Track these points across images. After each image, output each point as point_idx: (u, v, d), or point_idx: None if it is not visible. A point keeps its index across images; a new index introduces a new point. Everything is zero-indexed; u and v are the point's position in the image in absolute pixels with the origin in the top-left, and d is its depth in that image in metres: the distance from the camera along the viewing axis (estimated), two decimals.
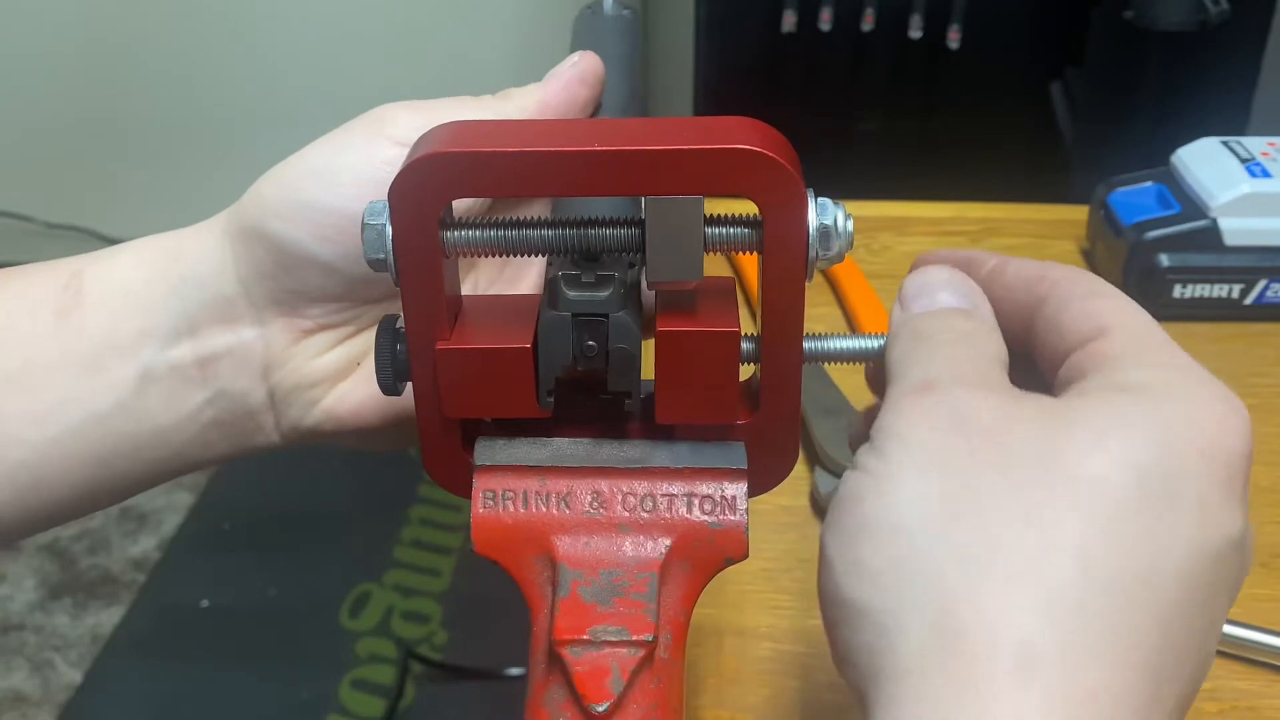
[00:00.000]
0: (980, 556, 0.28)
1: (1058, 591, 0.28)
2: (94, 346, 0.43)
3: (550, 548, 0.35)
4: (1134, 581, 0.28)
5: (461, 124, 0.35)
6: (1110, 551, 0.28)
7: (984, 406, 0.31)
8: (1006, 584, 0.28)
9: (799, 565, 0.58)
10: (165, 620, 1.65)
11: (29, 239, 2.12)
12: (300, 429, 0.45)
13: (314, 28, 1.96)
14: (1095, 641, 0.28)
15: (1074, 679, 0.27)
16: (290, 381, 0.44)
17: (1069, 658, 0.27)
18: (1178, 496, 0.29)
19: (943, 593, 0.28)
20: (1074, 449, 0.29)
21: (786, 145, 0.34)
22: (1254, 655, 0.53)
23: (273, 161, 0.44)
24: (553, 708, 0.33)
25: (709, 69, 1.57)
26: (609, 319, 0.35)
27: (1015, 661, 0.27)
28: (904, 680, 0.28)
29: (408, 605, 1.65)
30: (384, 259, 0.35)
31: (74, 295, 0.43)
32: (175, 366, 0.43)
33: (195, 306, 0.43)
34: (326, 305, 0.44)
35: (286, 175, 0.43)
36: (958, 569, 0.28)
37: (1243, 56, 1.47)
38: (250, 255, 0.43)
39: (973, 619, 0.28)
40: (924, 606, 0.29)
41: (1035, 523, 0.29)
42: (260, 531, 1.74)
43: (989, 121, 1.59)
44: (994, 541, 0.29)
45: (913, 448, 0.30)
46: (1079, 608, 0.28)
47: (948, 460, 0.30)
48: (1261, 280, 0.74)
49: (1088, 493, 0.29)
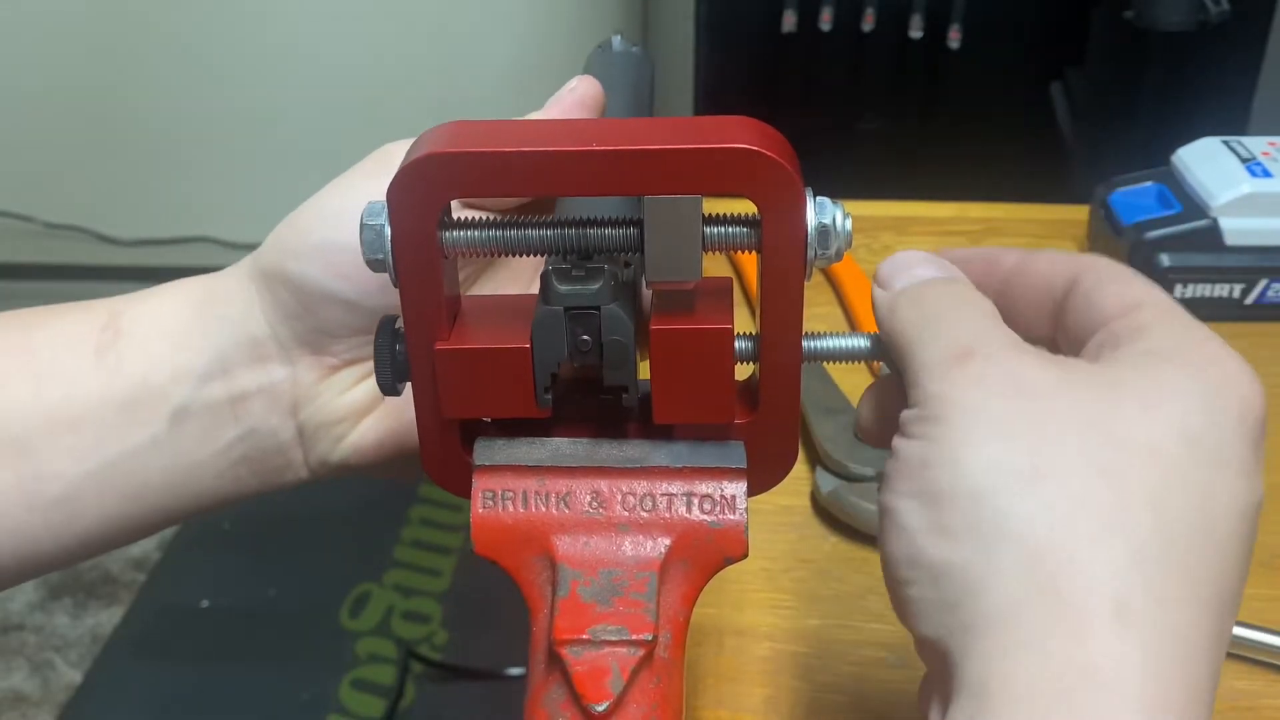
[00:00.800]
0: (1065, 513, 0.30)
1: (1141, 544, 0.30)
2: (131, 385, 0.44)
3: (550, 547, 0.35)
4: (1198, 533, 0.30)
5: (460, 124, 0.35)
6: (1178, 506, 0.30)
7: (1037, 372, 0.32)
8: (1094, 538, 0.30)
9: (799, 565, 0.58)
10: (165, 620, 1.65)
11: (29, 239, 2.12)
12: (329, 463, 0.47)
13: (314, 30, 1.96)
14: (1176, 589, 0.30)
15: (1165, 624, 0.29)
16: (319, 418, 0.46)
17: (1160, 606, 0.29)
18: (1223, 460, 0.31)
19: (1032, 548, 0.30)
20: (1126, 414, 0.31)
21: (785, 145, 0.34)
22: (1254, 655, 0.53)
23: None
24: (552, 707, 0.33)
25: (709, 69, 1.58)
26: (601, 311, 0.35)
27: (1113, 611, 0.29)
28: (999, 628, 0.30)
29: (408, 605, 1.65)
30: (383, 259, 0.35)
31: (112, 335, 0.45)
32: (209, 405, 0.45)
33: (228, 347, 0.45)
34: (350, 341, 0.45)
35: (300, 220, 0.45)
36: (1045, 526, 0.30)
37: (1243, 56, 1.47)
38: (274, 298, 0.44)
39: (1067, 571, 0.29)
40: (1014, 562, 0.30)
41: (1110, 479, 0.30)
42: (260, 531, 1.74)
43: (989, 121, 1.59)
44: (1076, 499, 0.30)
45: (979, 414, 0.32)
46: (1161, 559, 0.30)
47: (1017, 425, 0.31)
48: (1262, 280, 0.74)
49: (1146, 453, 0.31)
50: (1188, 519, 0.30)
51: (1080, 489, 0.30)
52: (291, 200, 0.46)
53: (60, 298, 0.48)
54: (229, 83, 2.00)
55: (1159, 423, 0.31)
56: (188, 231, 2.09)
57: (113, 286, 1.64)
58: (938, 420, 0.32)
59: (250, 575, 1.69)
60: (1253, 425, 0.32)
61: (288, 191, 0.61)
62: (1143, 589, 0.29)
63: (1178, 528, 0.30)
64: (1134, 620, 0.29)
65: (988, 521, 0.30)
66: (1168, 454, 0.31)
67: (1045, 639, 0.29)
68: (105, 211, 2.10)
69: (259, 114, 2.01)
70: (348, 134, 1.95)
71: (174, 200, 2.09)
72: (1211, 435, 0.31)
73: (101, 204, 2.11)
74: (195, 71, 1.99)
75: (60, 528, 0.44)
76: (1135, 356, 0.33)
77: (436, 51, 1.96)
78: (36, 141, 2.05)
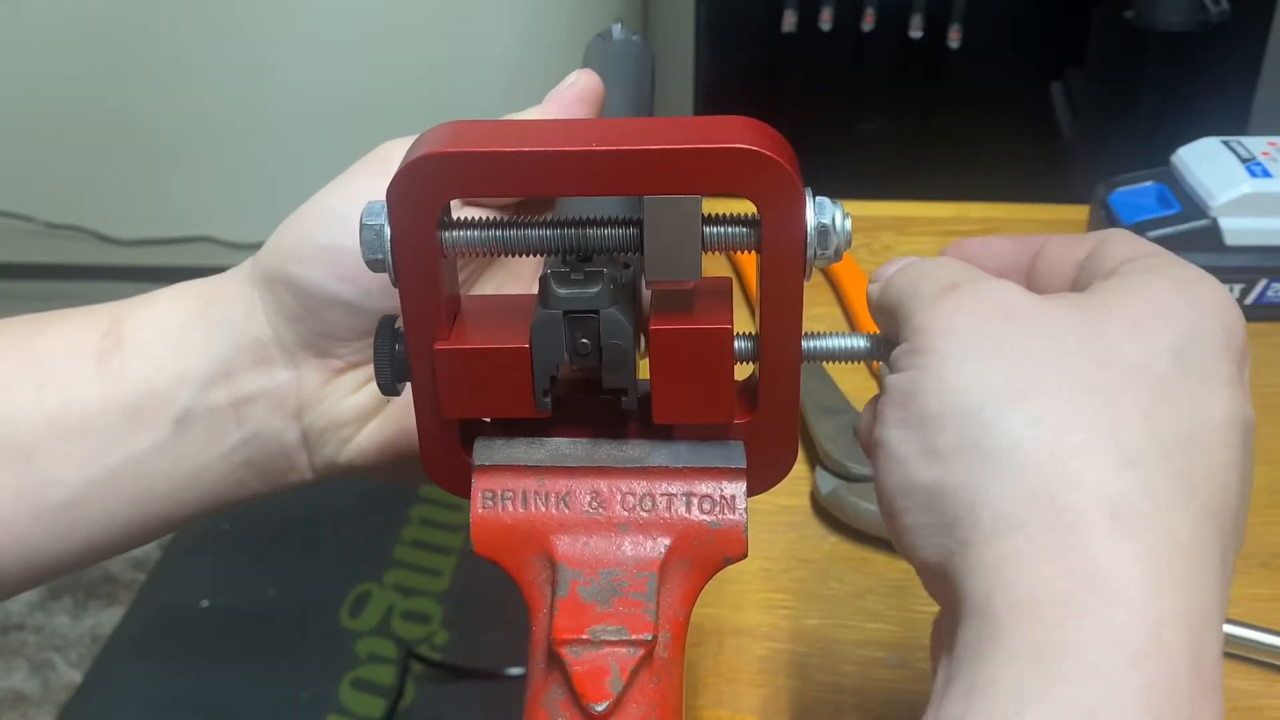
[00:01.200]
0: (1055, 426, 0.30)
1: (1133, 453, 0.30)
2: (134, 390, 0.44)
3: (549, 547, 0.35)
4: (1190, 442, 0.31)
5: (460, 124, 0.35)
6: (1168, 416, 0.31)
7: (1020, 298, 0.33)
8: (1086, 448, 0.30)
9: (799, 565, 0.58)
10: (165, 620, 1.65)
11: (29, 239, 2.12)
12: (335, 466, 0.47)
13: (314, 29, 1.96)
14: (1174, 496, 0.30)
15: (1164, 529, 0.29)
16: (324, 421, 0.46)
17: (1158, 510, 0.29)
18: (1209, 374, 0.32)
19: (1024, 462, 0.30)
20: (1114, 335, 0.32)
21: (785, 144, 0.34)
22: (1254, 655, 0.53)
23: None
24: (552, 707, 0.33)
25: (709, 69, 1.58)
26: (600, 315, 0.35)
27: (1109, 514, 0.29)
28: (995, 541, 0.30)
29: (408, 605, 1.65)
30: (382, 259, 0.35)
31: (114, 341, 0.45)
32: (212, 409, 0.45)
33: (230, 350, 0.44)
34: (355, 344, 0.45)
35: (301, 222, 0.44)
36: (1034, 440, 0.30)
37: (1243, 56, 1.47)
38: (277, 301, 0.44)
39: (1061, 481, 0.30)
40: (1007, 476, 0.30)
41: (1099, 395, 0.31)
42: (260, 531, 1.74)
43: (989, 121, 1.59)
44: (1065, 413, 0.31)
45: (964, 337, 0.32)
46: (1155, 466, 0.30)
47: (1003, 344, 0.32)
48: (1261, 280, 0.74)
49: (1135, 373, 0.31)
50: (1178, 427, 0.31)
51: (1067, 404, 0.31)
52: (291, 200, 0.46)
53: (60, 298, 0.47)
54: (229, 83, 1.99)
55: (1147, 340, 0.32)
56: (188, 231, 2.09)
57: (113, 286, 1.64)
58: (924, 350, 0.33)
59: (250, 575, 1.69)
60: (1236, 348, 0.33)
61: (288, 191, 0.61)
62: (1139, 491, 0.29)
63: (1169, 434, 0.30)
64: (1130, 520, 0.29)
65: (977, 439, 0.31)
66: (1156, 370, 0.31)
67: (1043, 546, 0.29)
68: (105, 211, 2.10)
69: (259, 114, 2.01)
70: (348, 133, 1.95)
71: (174, 200, 2.09)
72: (1197, 351, 0.32)
73: (101, 204, 2.10)
74: (195, 71, 1.99)
75: (64, 535, 0.44)
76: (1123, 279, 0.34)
77: (435, 48, 1.95)
78: (36, 141, 2.05)
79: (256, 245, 0.46)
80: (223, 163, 2.05)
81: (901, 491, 0.33)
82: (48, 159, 2.07)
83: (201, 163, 2.05)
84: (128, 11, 1.94)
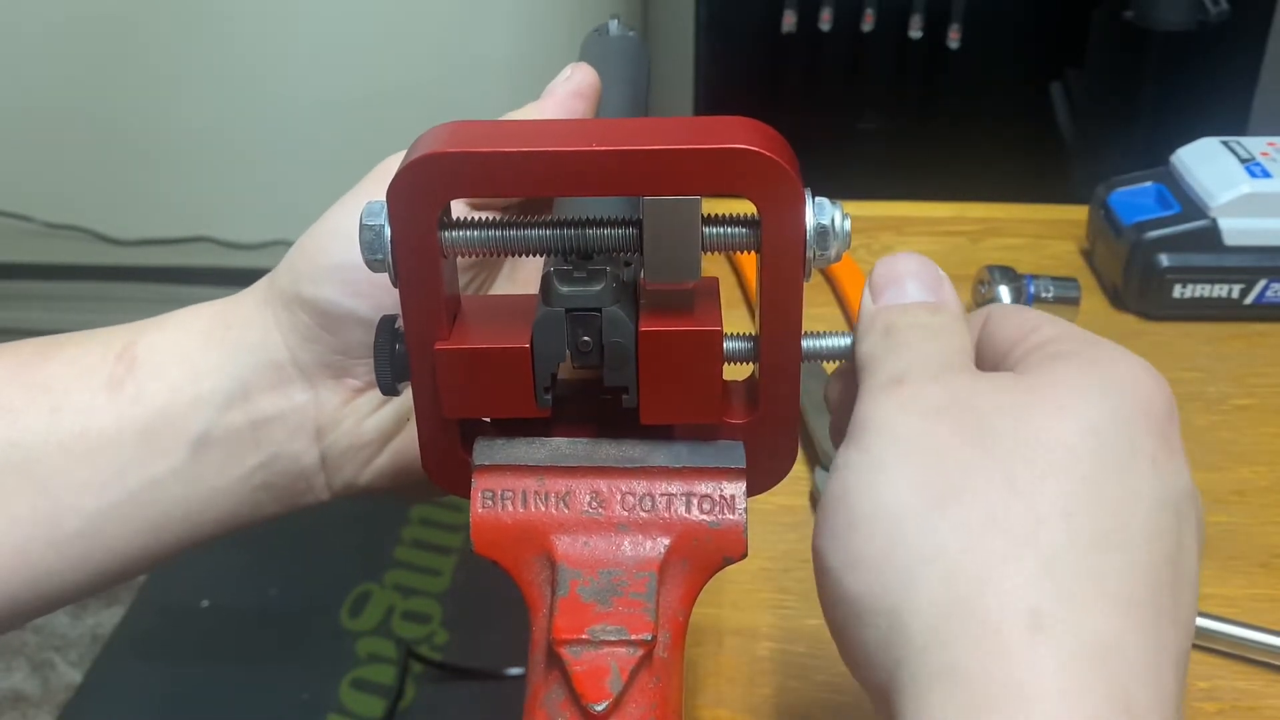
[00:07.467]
0: (976, 529, 0.30)
1: (1053, 556, 0.29)
2: (150, 414, 0.43)
3: (549, 547, 0.35)
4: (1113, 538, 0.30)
5: (460, 124, 0.35)
6: (1089, 512, 0.30)
7: (953, 387, 0.33)
8: (1006, 553, 0.29)
9: (799, 565, 0.58)
10: (165, 620, 1.65)
11: (29, 239, 2.12)
12: (354, 487, 0.46)
13: (314, 30, 1.96)
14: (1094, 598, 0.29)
15: (1082, 635, 0.29)
16: (344, 444, 0.45)
17: (1075, 616, 0.29)
18: (1133, 455, 0.31)
19: (947, 569, 0.30)
20: (1038, 417, 0.31)
21: (784, 145, 0.34)
22: (1254, 655, 0.53)
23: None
24: (552, 707, 0.33)
25: (709, 69, 1.58)
26: (602, 313, 0.35)
27: (1028, 624, 0.28)
28: (922, 657, 0.29)
29: (408, 605, 1.65)
30: (382, 259, 0.35)
31: (128, 365, 0.44)
32: (230, 431, 0.44)
33: (247, 372, 0.44)
34: (371, 363, 0.44)
35: (312, 242, 0.44)
36: (957, 545, 0.30)
37: (1243, 56, 1.47)
38: (293, 322, 0.44)
39: (981, 590, 0.29)
40: (931, 585, 0.30)
41: (1020, 492, 0.30)
42: (260, 531, 1.72)
43: (989, 121, 1.59)
44: (986, 515, 0.30)
45: (894, 437, 0.32)
46: (1074, 568, 0.29)
47: (929, 443, 0.31)
48: (1261, 280, 0.74)
49: (1058, 458, 0.31)
50: (1100, 523, 0.30)
51: (990, 504, 0.30)
52: (291, 200, 0.46)
53: (60, 298, 0.47)
54: (229, 83, 1.99)
55: (1068, 425, 0.31)
56: (188, 231, 2.08)
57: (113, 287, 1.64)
58: (859, 446, 0.32)
59: (250, 575, 1.69)
60: (1161, 419, 0.32)
61: (287, 192, 0.61)
62: (1054, 597, 0.29)
63: (1089, 532, 0.30)
64: (1047, 628, 0.28)
65: (904, 547, 0.30)
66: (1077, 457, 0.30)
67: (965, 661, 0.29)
68: (105, 211, 2.10)
69: (259, 114, 2.01)
70: (348, 133, 1.95)
71: (174, 200, 2.09)
72: (1116, 430, 0.31)
73: (101, 204, 2.10)
74: (195, 72, 1.99)
75: (79, 561, 0.43)
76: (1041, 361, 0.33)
77: (435, 48, 1.95)
78: (36, 141, 2.05)
79: (256, 245, 0.46)
80: (223, 163, 2.05)
81: (835, 603, 0.32)
82: (48, 159, 2.07)
83: (201, 163, 2.05)
84: (128, 12, 1.94)
